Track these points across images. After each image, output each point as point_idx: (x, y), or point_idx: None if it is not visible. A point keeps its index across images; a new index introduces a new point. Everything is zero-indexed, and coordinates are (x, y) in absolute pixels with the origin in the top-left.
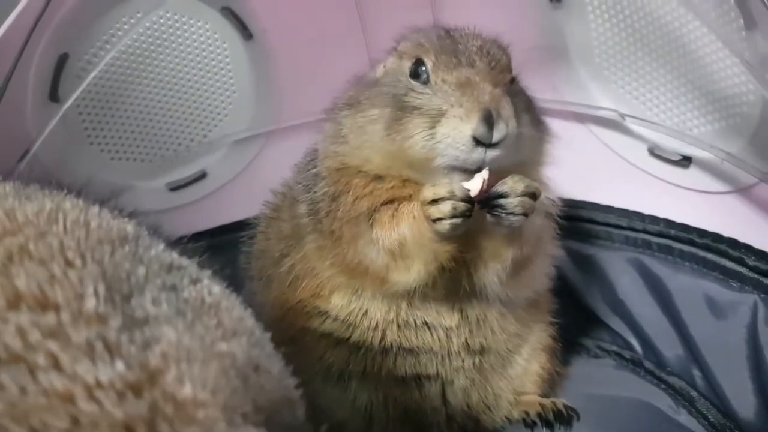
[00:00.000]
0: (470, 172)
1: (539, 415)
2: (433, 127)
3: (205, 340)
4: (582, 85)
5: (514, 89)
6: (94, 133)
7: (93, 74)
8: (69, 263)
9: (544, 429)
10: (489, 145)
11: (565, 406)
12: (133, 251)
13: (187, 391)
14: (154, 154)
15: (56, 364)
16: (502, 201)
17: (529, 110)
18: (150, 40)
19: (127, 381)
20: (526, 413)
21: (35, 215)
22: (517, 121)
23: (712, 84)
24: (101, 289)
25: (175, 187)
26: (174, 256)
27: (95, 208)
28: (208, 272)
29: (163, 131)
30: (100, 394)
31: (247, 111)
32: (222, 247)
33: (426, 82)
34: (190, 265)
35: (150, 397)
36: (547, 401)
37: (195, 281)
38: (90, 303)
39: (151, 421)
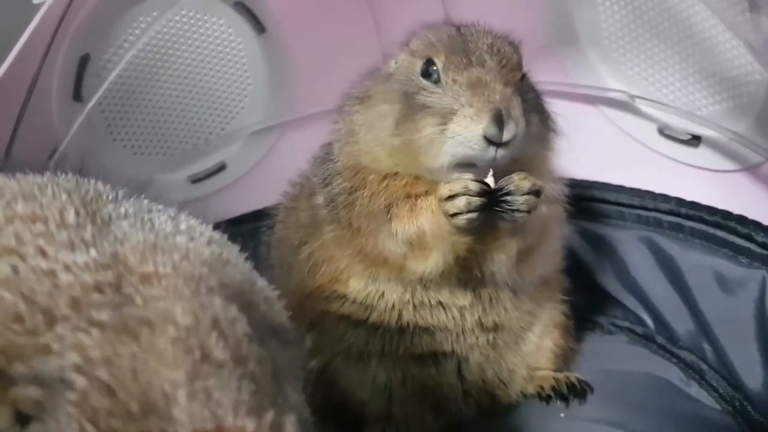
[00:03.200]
0: (475, 169)
1: (553, 388)
2: (444, 125)
3: (170, 240)
4: (592, 67)
5: (524, 86)
6: (117, 130)
7: (114, 73)
8: (55, 196)
9: (559, 402)
10: (499, 145)
11: (579, 380)
12: (114, 196)
13: (149, 267)
14: (174, 148)
15: (43, 253)
16: (508, 198)
17: (537, 107)
18: (166, 38)
19: (98, 262)
20: (541, 387)
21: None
22: (526, 118)
23: (718, 64)
24: (81, 210)
25: (196, 179)
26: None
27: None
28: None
29: (182, 125)
30: (76, 269)
31: (263, 103)
32: (243, 236)
33: (437, 81)
34: (171, 210)
35: (116, 270)
36: (561, 375)
37: (173, 218)
38: (71, 216)
39: (117, 284)
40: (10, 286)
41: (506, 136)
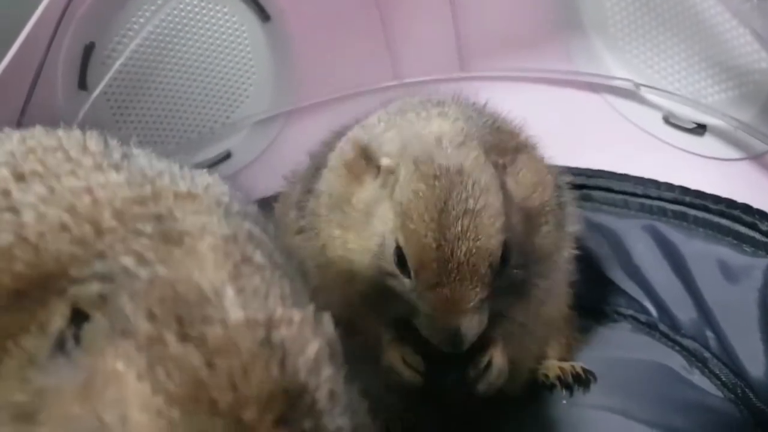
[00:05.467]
0: None
1: (558, 378)
2: (412, 316)
3: (186, 172)
4: (597, 55)
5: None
6: (122, 119)
7: (119, 62)
8: (70, 136)
9: (563, 391)
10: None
11: (583, 369)
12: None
13: (181, 187)
14: (180, 137)
15: (74, 174)
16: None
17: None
18: (171, 26)
19: (131, 181)
20: (546, 377)
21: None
22: (508, 309)
23: (724, 52)
24: (100, 142)
25: (201, 168)
26: None
27: None
28: None
29: (187, 114)
30: (113, 186)
31: (268, 92)
32: None
33: (409, 276)
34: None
35: (153, 187)
36: (566, 365)
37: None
38: (92, 144)
39: (155, 197)
40: (49, 203)
41: (464, 348)
